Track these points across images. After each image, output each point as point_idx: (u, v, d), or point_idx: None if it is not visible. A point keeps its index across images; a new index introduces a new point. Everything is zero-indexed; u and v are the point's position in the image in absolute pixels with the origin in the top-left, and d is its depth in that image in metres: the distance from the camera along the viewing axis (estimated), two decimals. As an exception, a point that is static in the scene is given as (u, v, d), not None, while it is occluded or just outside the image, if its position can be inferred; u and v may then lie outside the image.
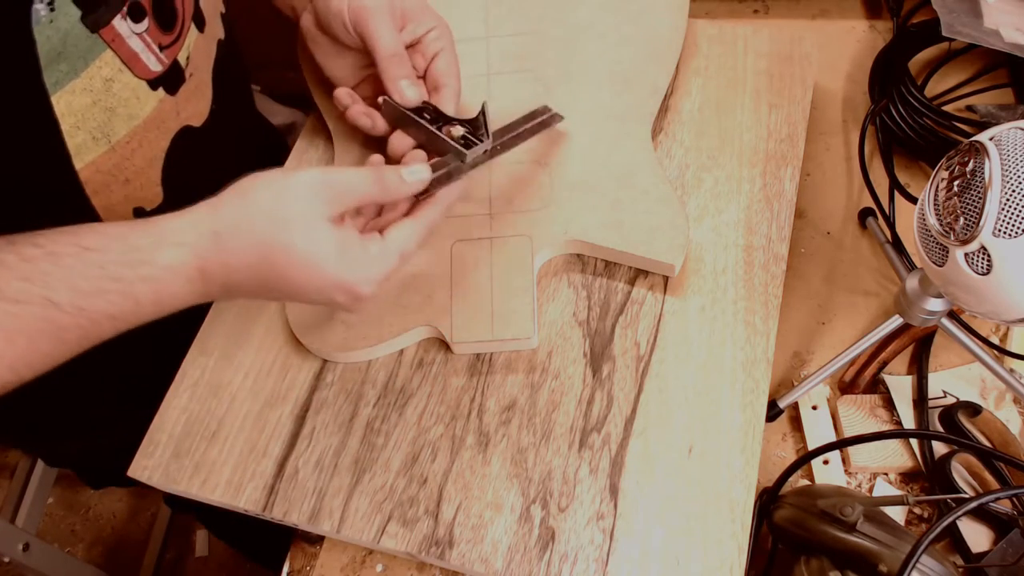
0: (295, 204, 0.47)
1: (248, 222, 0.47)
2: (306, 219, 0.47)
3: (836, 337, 0.65)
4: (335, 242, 0.47)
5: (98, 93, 0.53)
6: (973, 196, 0.45)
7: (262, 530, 0.62)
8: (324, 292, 0.48)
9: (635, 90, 0.66)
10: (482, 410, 0.56)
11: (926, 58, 0.77)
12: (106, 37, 0.52)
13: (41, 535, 1.32)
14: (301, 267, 0.47)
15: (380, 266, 0.49)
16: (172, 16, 0.58)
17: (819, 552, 0.50)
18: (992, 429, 0.59)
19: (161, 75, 0.58)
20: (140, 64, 0.56)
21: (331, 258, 0.47)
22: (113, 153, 0.56)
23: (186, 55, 0.60)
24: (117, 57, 0.53)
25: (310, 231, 0.47)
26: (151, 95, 0.57)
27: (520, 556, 0.51)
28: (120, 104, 0.55)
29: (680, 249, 0.58)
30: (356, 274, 0.48)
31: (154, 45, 0.56)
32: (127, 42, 0.54)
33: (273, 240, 0.46)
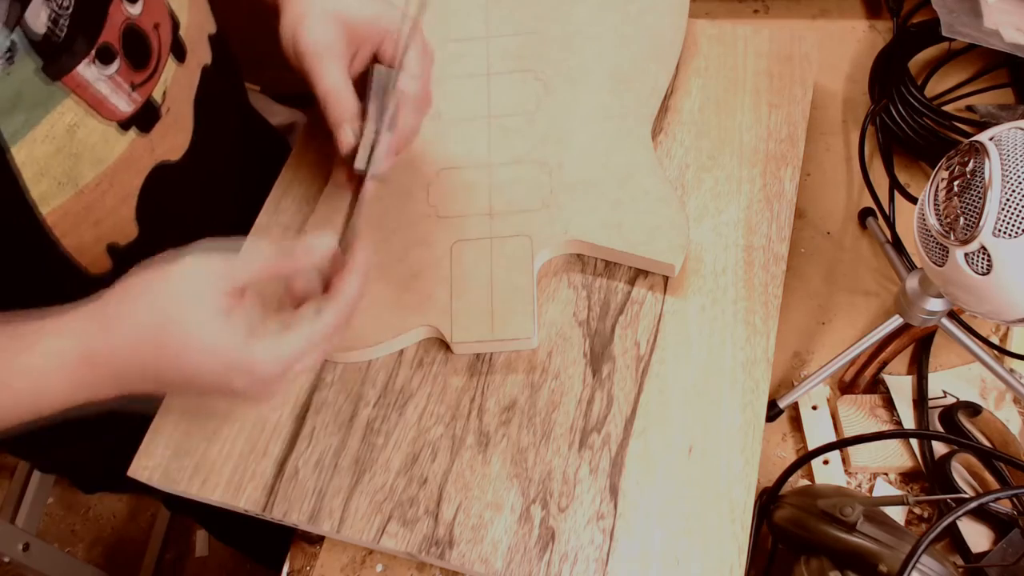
0: (183, 281, 0.44)
1: (135, 305, 0.44)
2: (196, 297, 0.43)
3: (836, 337, 0.65)
4: (228, 319, 0.43)
5: (61, 140, 0.51)
6: (973, 196, 0.45)
7: (262, 530, 0.62)
8: (219, 375, 0.44)
9: (635, 90, 0.66)
10: (482, 410, 0.56)
11: (926, 58, 0.77)
12: (69, 84, 0.50)
13: (41, 535, 1.32)
14: (190, 347, 0.43)
15: (282, 344, 0.44)
16: (146, 53, 0.56)
17: (819, 552, 0.50)
18: (992, 429, 0.59)
19: (132, 115, 0.56)
20: (108, 107, 0.54)
21: (224, 337, 0.43)
22: (81, 196, 0.54)
23: (162, 90, 0.58)
24: (82, 102, 0.51)
25: (199, 308, 0.43)
26: (121, 138, 0.55)
27: (520, 556, 0.51)
28: (86, 150, 0.53)
29: (680, 249, 0.58)
30: (252, 353, 0.43)
31: (125, 85, 0.54)
32: (93, 86, 0.52)
33: (160, 320, 0.43)
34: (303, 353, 0.45)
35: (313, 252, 0.47)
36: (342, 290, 0.47)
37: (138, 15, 0.55)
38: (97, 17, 0.52)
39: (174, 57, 0.59)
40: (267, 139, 0.87)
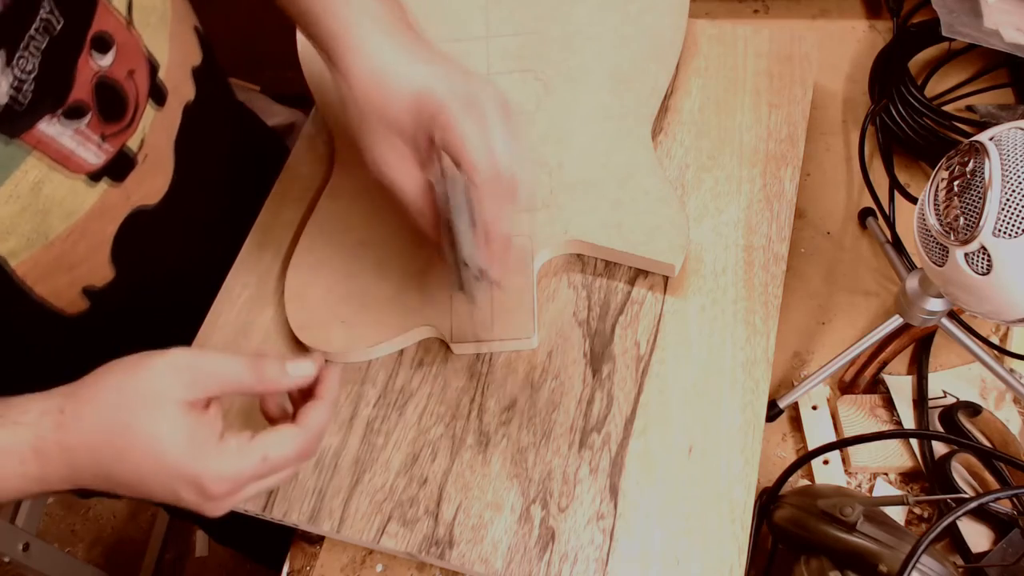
0: (147, 383, 0.42)
1: (95, 403, 0.42)
2: (156, 399, 0.42)
3: (836, 337, 0.65)
4: (184, 428, 0.42)
5: (26, 199, 0.49)
6: (973, 196, 0.45)
7: (261, 531, 0.62)
8: (167, 484, 0.42)
9: (635, 90, 0.66)
10: (482, 410, 0.56)
11: (926, 58, 0.77)
12: (29, 141, 0.48)
13: (41, 535, 1.32)
14: (143, 451, 0.41)
15: (235, 464, 0.42)
16: (121, 105, 0.53)
17: (819, 552, 0.50)
18: (992, 429, 0.59)
19: (104, 166, 0.53)
20: (75, 161, 0.51)
21: (177, 444, 0.41)
22: (51, 248, 0.52)
23: (140, 139, 0.56)
24: (45, 158, 0.49)
25: (156, 412, 0.41)
26: (91, 190, 0.53)
27: (520, 556, 0.51)
28: (54, 205, 0.51)
29: (680, 249, 0.58)
30: (204, 467, 0.42)
31: (94, 137, 0.52)
32: (57, 141, 0.49)
33: (118, 421, 0.42)
34: (257, 477, 0.43)
35: (289, 379, 0.45)
36: (309, 421, 0.45)
37: (109, 66, 0.52)
38: (64, 76, 0.49)
39: (153, 102, 0.57)
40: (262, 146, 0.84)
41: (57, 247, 0.53)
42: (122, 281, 0.59)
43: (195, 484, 0.42)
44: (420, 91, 0.48)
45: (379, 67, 0.49)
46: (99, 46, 0.51)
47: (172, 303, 0.63)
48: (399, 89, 0.48)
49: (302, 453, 0.44)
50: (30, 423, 0.42)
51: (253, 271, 0.64)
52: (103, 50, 0.51)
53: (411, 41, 0.51)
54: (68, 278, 0.55)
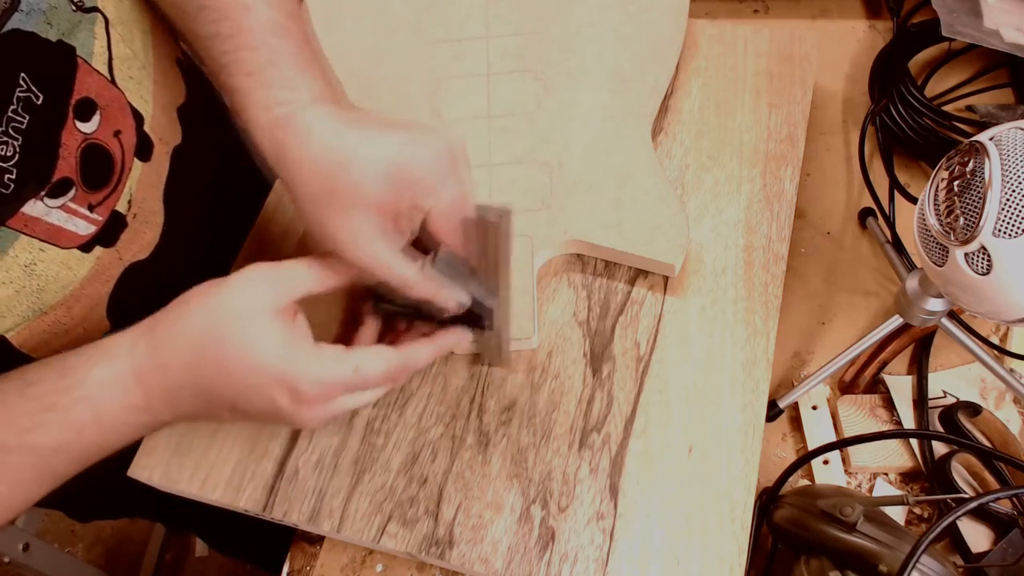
0: (232, 298, 0.43)
1: (183, 323, 0.43)
2: (245, 311, 0.42)
3: (836, 337, 0.65)
4: (278, 334, 0.42)
5: (20, 282, 0.49)
6: (973, 196, 0.45)
7: (260, 537, 0.62)
8: (264, 391, 0.42)
9: (635, 90, 0.66)
10: (482, 410, 0.56)
11: (926, 58, 0.77)
12: (15, 226, 0.47)
13: (41, 535, 1.32)
14: (239, 361, 0.42)
15: (329, 368, 0.43)
16: (107, 170, 0.52)
17: (819, 552, 0.50)
18: (992, 429, 0.59)
19: (95, 235, 0.53)
20: (66, 235, 0.50)
21: (271, 348, 0.42)
22: (46, 317, 0.52)
23: (127, 199, 0.55)
24: (35, 239, 0.48)
25: (247, 321, 0.42)
26: (84, 259, 0.52)
27: (520, 556, 0.51)
28: (49, 282, 0.50)
29: (680, 249, 0.58)
30: (300, 369, 0.42)
31: (82, 209, 0.51)
32: (45, 220, 0.49)
33: (209, 333, 0.42)
34: (348, 388, 0.44)
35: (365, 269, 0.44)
36: (409, 350, 0.45)
37: (94, 131, 0.50)
38: (48, 154, 0.48)
39: (139, 158, 0.55)
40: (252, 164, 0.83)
41: (51, 316, 0.53)
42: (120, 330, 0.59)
43: (290, 387, 0.42)
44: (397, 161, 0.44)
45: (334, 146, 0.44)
46: (82, 113, 0.49)
47: None
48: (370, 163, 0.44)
49: (391, 375, 0.45)
50: (125, 353, 0.43)
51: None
52: (86, 117, 0.50)
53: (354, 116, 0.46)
54: (65, 340, 0.55)
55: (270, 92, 0.45)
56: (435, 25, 0.71)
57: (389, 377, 0.45)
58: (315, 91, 0.46)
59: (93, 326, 0.56)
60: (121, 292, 0.57)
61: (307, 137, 0.44)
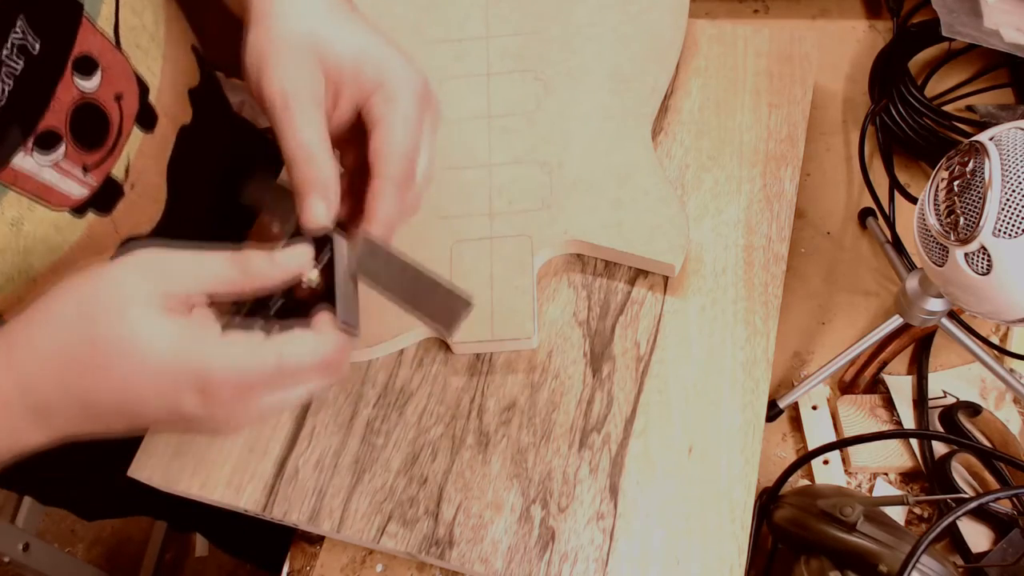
0: (109, 290, 0.36)
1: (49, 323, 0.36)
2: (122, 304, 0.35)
3: (836, 337, 0.65)
4: (169, 325, 0.35)
5: (6, 239, 0.46)
6: (973, 196, 0.45)
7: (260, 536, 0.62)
8: (163, 389, 0.35)
9: (635, 90, 0.66)
10: (482, 410, 0.56)
11: (926, 58, 0.77)
12: (5, 180, 0.45)
13: (41, 535, 1.32)
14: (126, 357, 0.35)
15: (245, 358, 0.36)
16: (102, 130, 0.50)
17: (819, 552, 0.50)
18: (992, 429, 0.59)
19: (89, 199, 0.50)
20: (57, 195, 0.48)
21: (166, 340, 0.35)
22: (35, 285, 0.49)
23: (124, 166, 0.53)
24: (24, 196, 0.46)
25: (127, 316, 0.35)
26: (76, 223, 0.50)
27: (520, 556, 0.51)
28: (36, 243, 0.48)
29: (680, 249, 0.58)
30: (208, 357, 0.35)
31: (75, 170, 0.49)
32: (35, 177, 0.47)
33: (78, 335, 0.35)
34: (271, 384, 0.37)
35: (280, 270, 0.39)
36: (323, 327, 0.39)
37: (94, 90, 0.49)
38: (39, 101, 0.46)
39: (140, 127, 0.54)
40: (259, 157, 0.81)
41: (42, 284, 0.50)
42: None
43: (198, 384, 0.35)
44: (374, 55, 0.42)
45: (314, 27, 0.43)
46: (83, 68, 0.48)
47: None
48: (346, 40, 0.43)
49: (325, 363, 0.38)
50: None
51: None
52: (87, 72, 0.48)
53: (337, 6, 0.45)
54: None
55: None
56: (435, 25, 0.71)
57: (322, 364, 0.38)
58: None
59: None
60: None
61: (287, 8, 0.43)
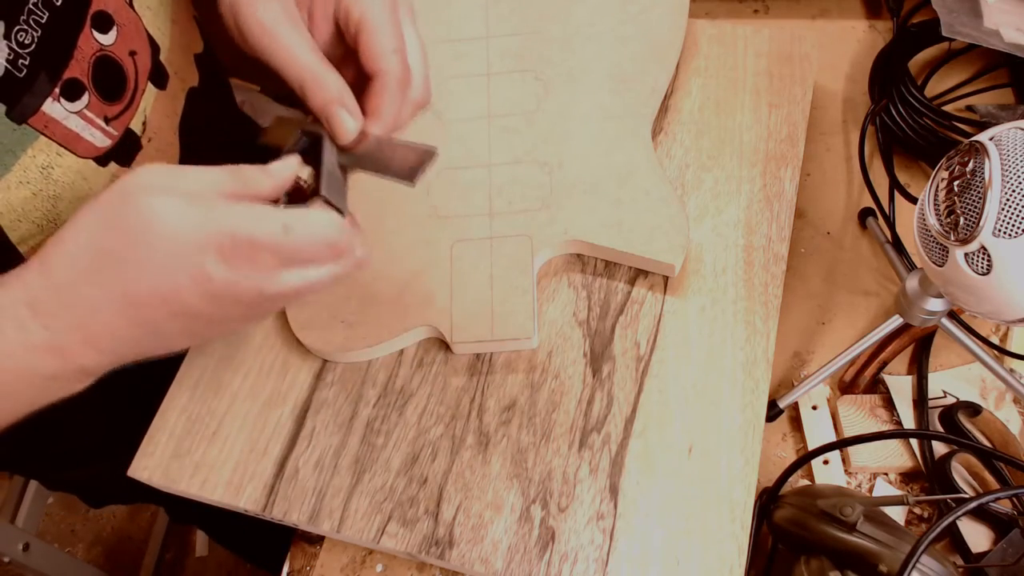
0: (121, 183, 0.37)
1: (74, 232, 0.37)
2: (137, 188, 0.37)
3: (836, 337, 0.65)
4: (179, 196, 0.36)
5: (36, 183, 0.49)
6: (973, 196, 0.45)
7: (261, 533, 0.62)
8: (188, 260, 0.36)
9: (635, 90, 0.66)
10: (482, 410, 0.56)
11: (926, 58, 0.77)
12: (36, 125, 0.48)
13: (41, 535, 1.32)
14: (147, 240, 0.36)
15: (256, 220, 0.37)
16: (120, 84, 0.53)
17: (819, 552, 0.50)
18: (992, 429, 0.59)
19: (111, 149, 0.54)
20: (83, 143, 0.52)
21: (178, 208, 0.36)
22: None
23: (141, 120, 0.56)
24: (53, 142, 0.50)
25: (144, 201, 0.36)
26: (100, 172, 0.53)
27: (520, 556, 0.51)
28: (64, 189, 0.51)
29: (680, 249, 0.58)
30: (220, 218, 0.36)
31: (98, 120, 0.52)
32: (63, 124, 0.50)
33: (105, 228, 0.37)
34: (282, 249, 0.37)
35: (273, 178, 0.40)
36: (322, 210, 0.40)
37: (111, 44, 0.52)
38: (63, 51, 0.49)
39: (153, 84, 0.57)
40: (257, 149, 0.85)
41: None
42: None
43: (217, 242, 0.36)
44: None
45: None
46: (100, 24, 0.51)
47: None
48: None
49: (334, 244, 0.39)
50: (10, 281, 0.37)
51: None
52: (104, 28, 0.51)
53: None
54: None
55: None
56: (435, 25, 0.71)
57: (332, 244, 0.39)
58: None
59: None
60: None
61: None
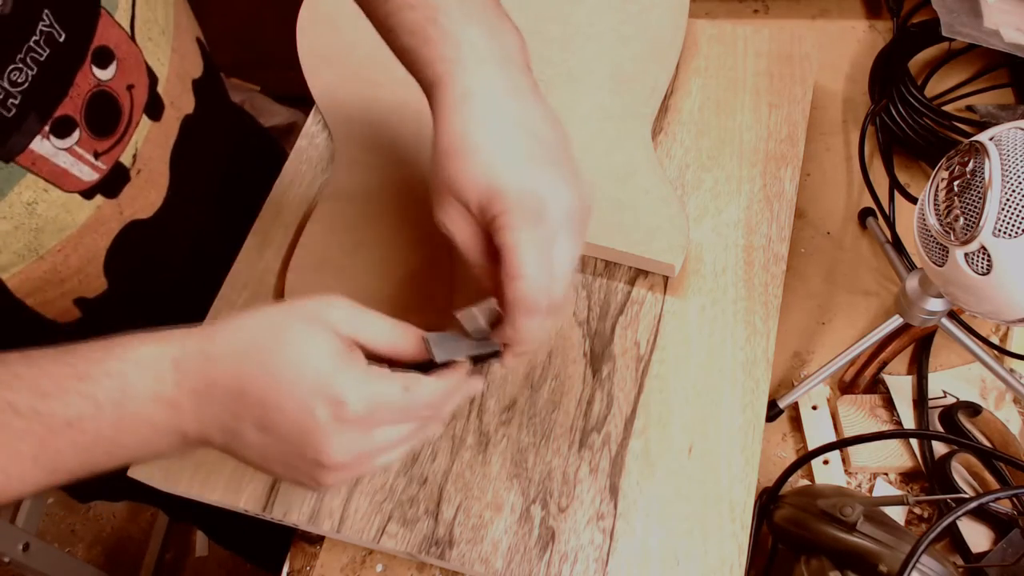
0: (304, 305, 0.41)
1: (244, 321, 0.41)
2: (312, 316, 0.40)
3: (836, 337, 0.65)
4: (333, 346, 0.40)
5: (20, 218, 0.49)
6: (973, 196, 0.45)
7: (261, 533, 0.62)
8: (303, 398, 0.39)
9: (635, 90, 0.66)
10: (482, 410, 0.56)
11: (926, 58, 0.77)
12: (24, 163, 0.48)
13: (41, 535, 1.32)
14: (287, 360, 0.39)
15: (378, 384, 0.40)
16: (114, 119, 0.53)
17: (819, 552, 0.50)
18: (992, 429, 0.59)
19: (98, 183, 0.53)
20: (70, 179, 0.51)
21: (323, 352, 0.39)
22: (43, 262, 0.52)
23: (132, 153, 0.56)
24: (39, 179, 0.49)
25: (309, 327, 0.40)
26: (85, 204, 0.53)
27: (520, 556, 0.51)
28: (47, 223, 0.51)
29: (680, 249, 0.58)
30: (348, 379, 0.39)
31: (87, 155, 0.52)
32: (51, 161, 0.49)
33: (266, 332, 0.40)
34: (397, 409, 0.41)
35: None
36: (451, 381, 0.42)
37: (109, 80, 0.52)
38: (58, 88, 0.49)
39: (148, 116, 0.56)
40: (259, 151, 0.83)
41: (48, 261, 0.53)
42: (115, 292, 0.59)
43: (334, 398, 0.39)
44: (491, 186, 0.43)
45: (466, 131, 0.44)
46: (100, 60, 0.51)
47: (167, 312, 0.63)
48: (475, 171, 0.44)
49: (435, 402, 0.42)
50: (176, 339, 0.41)
51: (253, 271, 0.64)
52: (104, 64, 0.51)
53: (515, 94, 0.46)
54: (59, 290, 0.55)
55: (431, 50, 0.46)
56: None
57: (432, 405, 0.42)
58: (478, 49, 0.45)
59: (88, 279, 0.57)
60: (119, 249, 0.57)
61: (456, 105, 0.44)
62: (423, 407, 0.42)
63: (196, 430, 0.42)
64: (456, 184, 0.44)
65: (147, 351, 0.41)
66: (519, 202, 0.43)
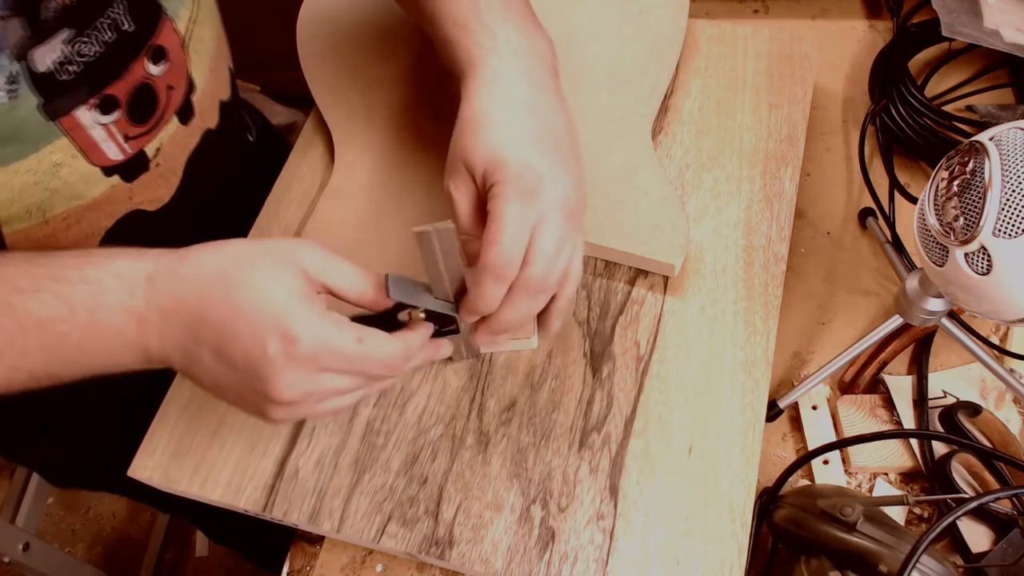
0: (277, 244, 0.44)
1: (219, 249, 0.43)
2: (282, 255, 0.43)
3: (836, 337, 0.65)
4: (297, 283, 0.42)
5: (42, 175, 0.51)
6: (973, 196, 0.45)
7: (261, 531, 0.62)
8: (259, 327, 0.41)
9: (635, 90, 0.66)
10: (482, 410, 0.56)
11: (926, 58, 0.77)
12: (64, 125, 0.51)
13: (41, 535, 1.32)
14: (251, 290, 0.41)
15: (333, 330, 0.42)
16: (150, 109, 0.56)
17: (819, 552, 0.50)
18: (992, 429, 0.59)
19: (120, 164, 0.56)
20: (98, 152, 0.54)
21: (285, 290, 0.41)
22: (46, 226, 0.54)
23: (156, 146, 0.59)
24: (73, 144, 0.52)
25: (279, 267, 0.42)
26: (102, 180, 0.56)
27: (520, 556, 0.51)
28: (64, 187, 0.53)
29: (680, 249, 0.58)
30: (304, 318, 0.41)
31: (119, 135, 0.55)
32: (87, 131, 0.52)
33: (236, 264, 0.42)
34: (348, 359, 0.42)
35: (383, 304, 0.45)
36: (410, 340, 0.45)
37: (158, 75, 0.56)
38: (115, 71, 0.52)
39: (178, 118, 0.60)
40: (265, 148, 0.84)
41: (51, 226, 0.54)
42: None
43: (287, 334, 0.40)
44: (496, 156, 0.47)
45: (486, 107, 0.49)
46: (155, 56, 0.55)
47: None
48: (484, 141, 0.47)
49: (390, 361, 0.44)
50: (151, 256, 0.43)
51: (253, 271, 0.64)
52: (157, 60, 0.55)
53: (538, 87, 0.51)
54: None
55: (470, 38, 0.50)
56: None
57: (388, 363, 0.44)
58: (513, 43, 0.50)
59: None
60: (117, 232, 0.59)
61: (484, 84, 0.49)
62: (375, 362, 0.43)
63: (159, 348, 0.43)
64: (466, 152, 0.48)
65: (124, 263, 0.43)
66: (516, 175, 0.46)
